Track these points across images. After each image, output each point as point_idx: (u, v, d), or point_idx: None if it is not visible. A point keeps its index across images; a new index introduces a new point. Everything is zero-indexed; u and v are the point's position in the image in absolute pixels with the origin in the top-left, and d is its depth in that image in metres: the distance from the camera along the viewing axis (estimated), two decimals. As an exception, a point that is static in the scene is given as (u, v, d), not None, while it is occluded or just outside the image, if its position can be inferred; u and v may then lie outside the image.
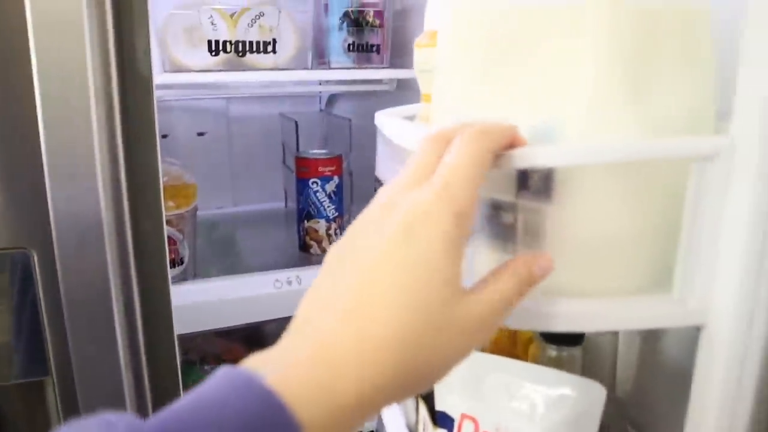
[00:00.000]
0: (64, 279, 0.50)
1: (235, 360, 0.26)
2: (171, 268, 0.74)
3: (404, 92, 0.99)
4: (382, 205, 0.31)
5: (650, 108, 0.33)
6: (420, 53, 0.47)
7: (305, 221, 0.95)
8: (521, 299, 0.31)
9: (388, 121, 0.44)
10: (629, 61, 0.33)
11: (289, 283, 0.83)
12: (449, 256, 0.29)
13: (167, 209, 0.74)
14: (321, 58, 0.95)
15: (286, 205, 1.16)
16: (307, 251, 0.97)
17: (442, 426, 0.46)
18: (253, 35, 0.84)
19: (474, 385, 0.45)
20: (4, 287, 0.52)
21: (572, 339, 0.46)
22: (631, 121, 0.33)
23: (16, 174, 0.49)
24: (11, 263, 0.51)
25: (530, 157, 0.32)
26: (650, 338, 0.49)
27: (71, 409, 0.55)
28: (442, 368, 0.30)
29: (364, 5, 0.91)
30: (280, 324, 0.37)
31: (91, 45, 0.47)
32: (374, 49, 0.92)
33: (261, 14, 0.84)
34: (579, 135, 0.34)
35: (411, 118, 0.49)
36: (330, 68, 0.93)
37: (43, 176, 0.48)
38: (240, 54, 0.84)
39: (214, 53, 0.83)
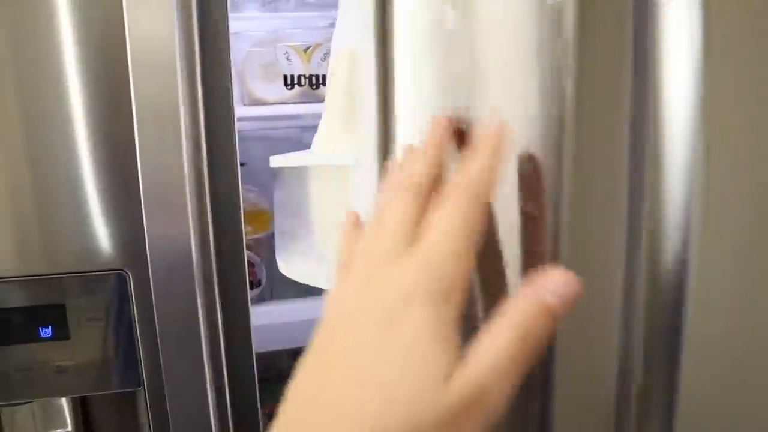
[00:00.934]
0: (156, 299, 0.55)
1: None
2: (249, 289, 0.79)
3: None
4: (359, 285, 0.27)
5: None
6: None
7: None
8: (534, 349, 0.24)
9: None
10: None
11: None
12: (437, 346, 0.24)
13: (246, 234, 0.79)
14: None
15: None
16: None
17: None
18: (326, 69, 0.89)
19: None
20: (103, 306, 0.57)
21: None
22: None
23: (117, 202, 0.55)
24: (110, 284, 0.56)
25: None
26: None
27: (160, 419, 0.60)
28: None
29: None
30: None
31: (182, 83, 0.52)
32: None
33: (333, 49, 0.89)
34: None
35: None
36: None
37: (140, 204, 0.52)
38: (314, 86, 0.89)
39: (289, 86, 0.88)
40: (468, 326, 0.25)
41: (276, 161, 0.63)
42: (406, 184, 0.28)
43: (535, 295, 0.24)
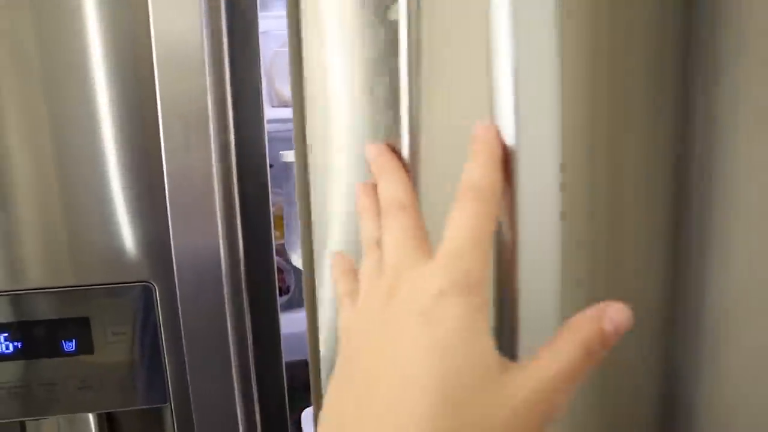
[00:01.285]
0: (183, 310, 0.52)
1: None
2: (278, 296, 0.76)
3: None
4: (380, 298, 0.27)
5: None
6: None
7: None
8: (588, 367, 0.24)
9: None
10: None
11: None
12: (474, 336, 0.24)
13: (274, 239, 0.76)
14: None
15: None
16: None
17: None
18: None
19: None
20: (128, 319, 0.54)
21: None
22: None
23: (142, 210, 0.52)
24: (135, 296, 0.54)
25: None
26: None
27: (188, 436, 0.57)
28: None
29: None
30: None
31: (210, 84, 0.49)
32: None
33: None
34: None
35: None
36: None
37: (166, 215, 0.50)
38: (343, 86, 0.86)
39: (317, 86, 0.85)
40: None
41: (289, 156, 0.63)
42: (396, 205, 0.29)
43: (598, 318, 0.24)
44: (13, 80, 0.49)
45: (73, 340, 0.54)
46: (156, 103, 0.48)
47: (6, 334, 0.53)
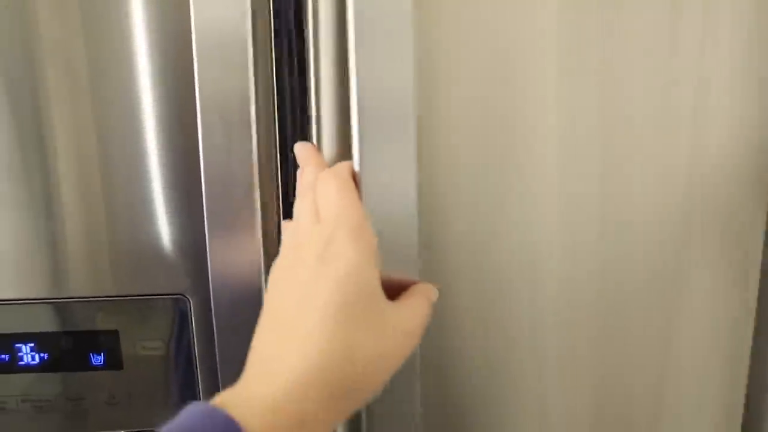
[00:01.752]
0: (218, 327, 0.47)
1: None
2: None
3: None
4: (293, 247, 0.37)
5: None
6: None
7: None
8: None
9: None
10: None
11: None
12: (362, 271, 0.33)
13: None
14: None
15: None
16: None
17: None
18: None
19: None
20: (160, 333, 0.50)
21: None
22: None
23: (179, 220, 0.48)
24: (168, 309, 0.50)
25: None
26: None
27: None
28: (384, 373, 0.34)
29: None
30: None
31: (253, 79, 0.44)
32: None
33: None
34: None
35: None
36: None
37: (203, 226, 0.45)
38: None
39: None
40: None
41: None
42: (303, 188, 0.40)
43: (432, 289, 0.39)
44: (62, 86, 0.46)
45: (102, 354, 0.50)
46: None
47: (32, 345, 0.50)
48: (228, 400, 0.31)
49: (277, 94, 0.47)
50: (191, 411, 0.31)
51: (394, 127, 0.39)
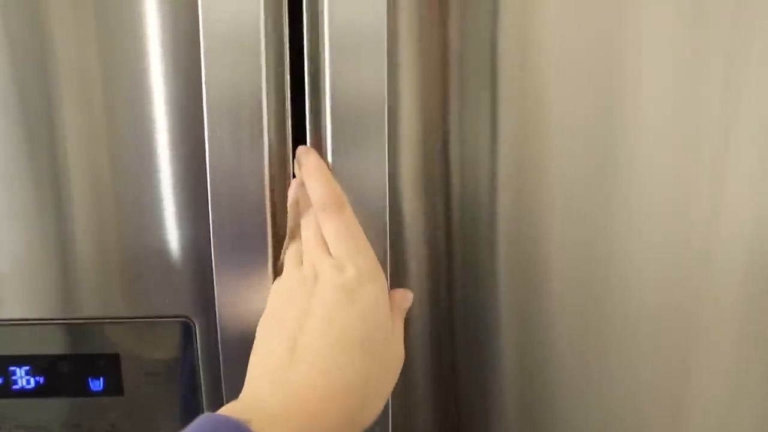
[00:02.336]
0: (223, 354, 0.44)
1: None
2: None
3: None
4: (303, 276, 0.39)
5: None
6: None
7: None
8: None
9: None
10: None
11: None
12: (380, 309, 0.38)
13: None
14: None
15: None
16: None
17: None
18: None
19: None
20: (163, 358, 0.47)
21: None
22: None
23: (185, 245, 0.45)
24: (172, 333, 0.47)
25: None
26: None
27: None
28: (386, 396, 0.38)
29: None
30: None
31: (266, 74, 0.41)
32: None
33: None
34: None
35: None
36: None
37: (209, 247, 0.42)
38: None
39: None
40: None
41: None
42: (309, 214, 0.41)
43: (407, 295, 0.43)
44: (75, 90, 0.44)
45: (101, 379, 0.47)
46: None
47: (27, 368, 0.47)
48: (237, 412, 0.32)
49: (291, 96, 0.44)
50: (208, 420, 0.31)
51: (366, 130, 0.41)
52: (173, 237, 0.46)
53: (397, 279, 0.48)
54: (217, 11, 0.39)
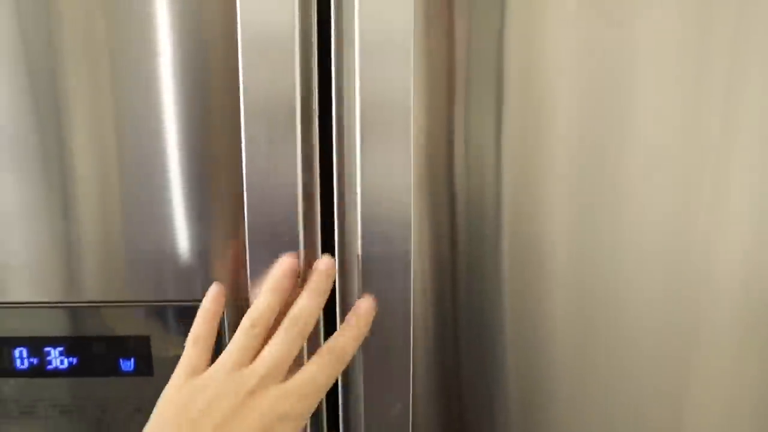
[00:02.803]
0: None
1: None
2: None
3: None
4: (218, 378, 0.41)
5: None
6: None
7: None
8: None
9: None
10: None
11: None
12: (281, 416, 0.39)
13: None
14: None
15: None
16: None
17: None
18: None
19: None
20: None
21: None
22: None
23: (211, 222, 0.47)
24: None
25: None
26: None
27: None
28: None
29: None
30: None
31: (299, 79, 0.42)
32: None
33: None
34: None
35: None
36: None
37: (238, 227, 0.44)
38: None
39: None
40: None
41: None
42: (247, 324, 0.42)
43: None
44: (84, 87, 0.45)
45: (132, 359, 0.49)
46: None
47: (61, 349, 0.49)
48: None
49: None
50: None
51: (393, 127, 0.43)
52: (204, 225, 0.47)
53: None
54: (254, 18, 0.41)
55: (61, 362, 0.49)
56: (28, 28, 0.45)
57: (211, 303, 0.45)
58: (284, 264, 0.43)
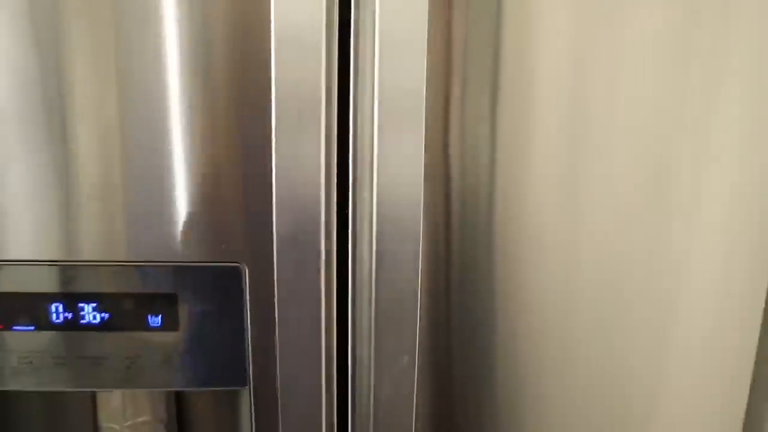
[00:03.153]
0: (279, 297, 0.51)
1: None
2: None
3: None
4: None
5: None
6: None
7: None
8: None
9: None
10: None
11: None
12: None
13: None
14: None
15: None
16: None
17: None
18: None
19: None
20: (214, 299, 0.54)
21: None
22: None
23: (239, 186, 0.51)
24: (224, 277, 0.53)
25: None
26: None
27: (260, 419, 0.57)
28: None
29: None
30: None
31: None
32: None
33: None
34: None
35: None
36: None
37: (255, 196, 0.50)
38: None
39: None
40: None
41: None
42: None
43: None
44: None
45: (160, 315, 0.54)
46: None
47: (95, 305, 0.53)
48: None
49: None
50: None
51: (408, 117, 0.48)
52: (229, 194, 0.52)
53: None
54: (287, 19, 0.46)
55: (94, 317, 0.53)
56: (36, 27, 0.48)
57: None
58: None
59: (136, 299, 0.53)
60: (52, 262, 0.52)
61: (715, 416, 0.64)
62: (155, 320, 0.54)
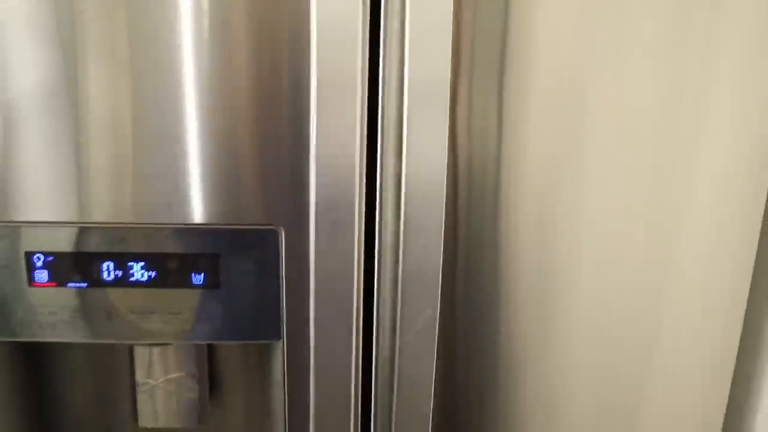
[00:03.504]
0: (316, 259, 0.56)
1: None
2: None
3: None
4: None
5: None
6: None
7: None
8: None
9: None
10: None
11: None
12: None
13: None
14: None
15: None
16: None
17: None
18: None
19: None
20: (252, 259, 0.58)
21: None
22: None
23: (276, 156, 0.56)
24: (261, 239, 0.58)
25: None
26: None
27: (293, 372, 0.62)
28: None
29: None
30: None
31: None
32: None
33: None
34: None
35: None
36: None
37: (304, 161, 0.54)
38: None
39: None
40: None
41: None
42: None
43: None
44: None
45: (203, 274, 0.58)
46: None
47: (143, 263, 0.57)
48: None
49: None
50: None
51: (433, 105, 0.53)
52: (268, 159, 0.56)
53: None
54: (328, 14, 0.51)
55: (142, 275, 0.58)
56: (44, 25, 0.52)
57: None
58: None
59: (180, 259, 0.58)
60: (105, 224, 0.56)
61: (697, 407, 0.69)
62: (198, 278, 0.58)
